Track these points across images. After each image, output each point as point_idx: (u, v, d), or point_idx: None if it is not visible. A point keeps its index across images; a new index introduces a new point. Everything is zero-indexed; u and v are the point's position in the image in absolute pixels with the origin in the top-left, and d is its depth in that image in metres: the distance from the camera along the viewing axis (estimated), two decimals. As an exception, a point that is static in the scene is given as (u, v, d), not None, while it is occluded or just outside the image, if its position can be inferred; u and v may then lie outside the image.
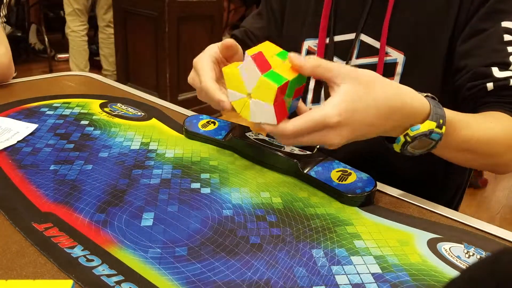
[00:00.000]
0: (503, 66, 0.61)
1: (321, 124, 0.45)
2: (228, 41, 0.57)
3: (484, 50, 0.63)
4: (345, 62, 0.72)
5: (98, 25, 3.12)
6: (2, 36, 0.85)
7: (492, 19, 0.63)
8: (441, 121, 0.51)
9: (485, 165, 0.65)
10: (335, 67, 0.47)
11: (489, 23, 0.63)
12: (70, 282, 0.36)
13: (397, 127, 0.50)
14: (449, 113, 0.53)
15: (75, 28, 2.95)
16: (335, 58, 0.73)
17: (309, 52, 0.76)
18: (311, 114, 0.45)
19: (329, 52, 0.73)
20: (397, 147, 0.53)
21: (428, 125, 0.50)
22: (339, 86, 0.46)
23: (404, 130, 0.51)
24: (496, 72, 0.61)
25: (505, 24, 0.62)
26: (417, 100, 0.51)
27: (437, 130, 0.50)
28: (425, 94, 0.53)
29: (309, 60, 0.47)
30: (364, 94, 0.46)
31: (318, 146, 0.75)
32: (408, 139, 0.50)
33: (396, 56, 0.68)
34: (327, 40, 0.73)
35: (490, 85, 0.62)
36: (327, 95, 0.74)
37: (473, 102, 0.65)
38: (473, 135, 0.57)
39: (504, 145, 0.60)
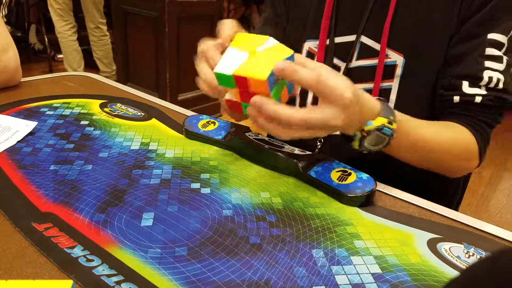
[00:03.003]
0: (474, 81, 0.64)
1: (337, 97, 0.49)
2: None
3: (464, 61, 0.65)
4: (345, 63, 0.72)
5: (87, 27, 3.09)
6: (10, 40, 0.86)
7: (484, 26, 0.64)
8: (391, 117, 0.56)
9: (436, 168, 0.69)
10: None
11: (480, 30, 0.64)
12: (70, 282, 0.36)
13: (356, 121, 0.54)
14: (400, 116, 0.58)
15: (61, 29, 2.92)
16: (335, 60, 0.73)
17: (309, 53, 0.76)
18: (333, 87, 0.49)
19: (330, 53, 0.73)
20: (355, 144, 0.57)
21: (380, 121, 0.55)
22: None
23: (360, 127, 0.55)
24: (465, 87, 0.65)
25: (492, 35, 0.64)
26: (370, 99, 0.55)
27: (388, 125, 0.55)
28: (376, 97, 0.57)
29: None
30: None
31: (319, 146, 0.75)
32: (364, 133, 0.55)
33: (396, 58, 0.68)
34: (328, 42, 0.73)
35: (456, 98, 0.66)
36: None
37: (440, 109, 0.69)
38: (424, 138, 0.62)
39: (451, 152, 0.64)
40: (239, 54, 0.50)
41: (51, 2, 2.85)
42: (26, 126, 0.69)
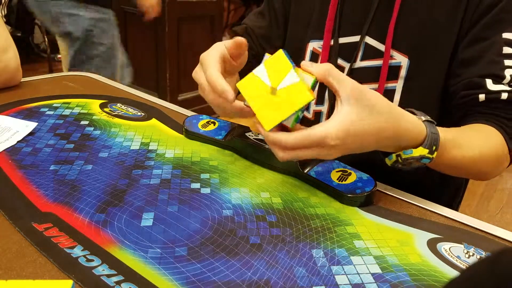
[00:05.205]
0: (497, 79, 0.63)
1: (320, 142, 0.47)
2: (239, 39, 0.57)
3: (482, 61, 0.64)
4: (349, 64, 0.72)
5: None
6: (10, 39, 0.86)
7: (494, 28, 0.64)
8: (433, 147, 0.53)
9: (468, 175, 0.70)
10: (344, 82, 0.48)
11: (491, 32, 0.64)
12: (70, 282, 0.36)
13: (390, 147, 0.53)
14: (442, 133, 0.55)
15: None
16: (339, 60, 0.73)
17: (313, 54, 0.76)
18: (313, 131, 0.47)
19: (334, 54, 0.73)
20: (388, 162, 0.56)
21: (421, 151, 0.53)
22: (342, 106, 0.48)
23: (398, 149, 0.54)
24: (490, 84, 0.63)
25: (506, 35, 0.63)
26: (414, 125, 0.53)
27: (428, 155, 0.53)
28: (424, 119, 0.55)
29: (320, 66, 0.49)
30: (364, 117, 0.48)
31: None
32: (400, 160, 0.54)
33: (400, 59, 0.68)
34: (332, 42, 0.73)
35: (482, 96, 0.64)
36: (331, 97, 0.74)
37: (464, 110, 0.67)
38: (464, 156, 0.59)
39: (490, 163, 0.63)
40: (264, 79, 0.49)
41: None
42: (26, 127, 0.69)
